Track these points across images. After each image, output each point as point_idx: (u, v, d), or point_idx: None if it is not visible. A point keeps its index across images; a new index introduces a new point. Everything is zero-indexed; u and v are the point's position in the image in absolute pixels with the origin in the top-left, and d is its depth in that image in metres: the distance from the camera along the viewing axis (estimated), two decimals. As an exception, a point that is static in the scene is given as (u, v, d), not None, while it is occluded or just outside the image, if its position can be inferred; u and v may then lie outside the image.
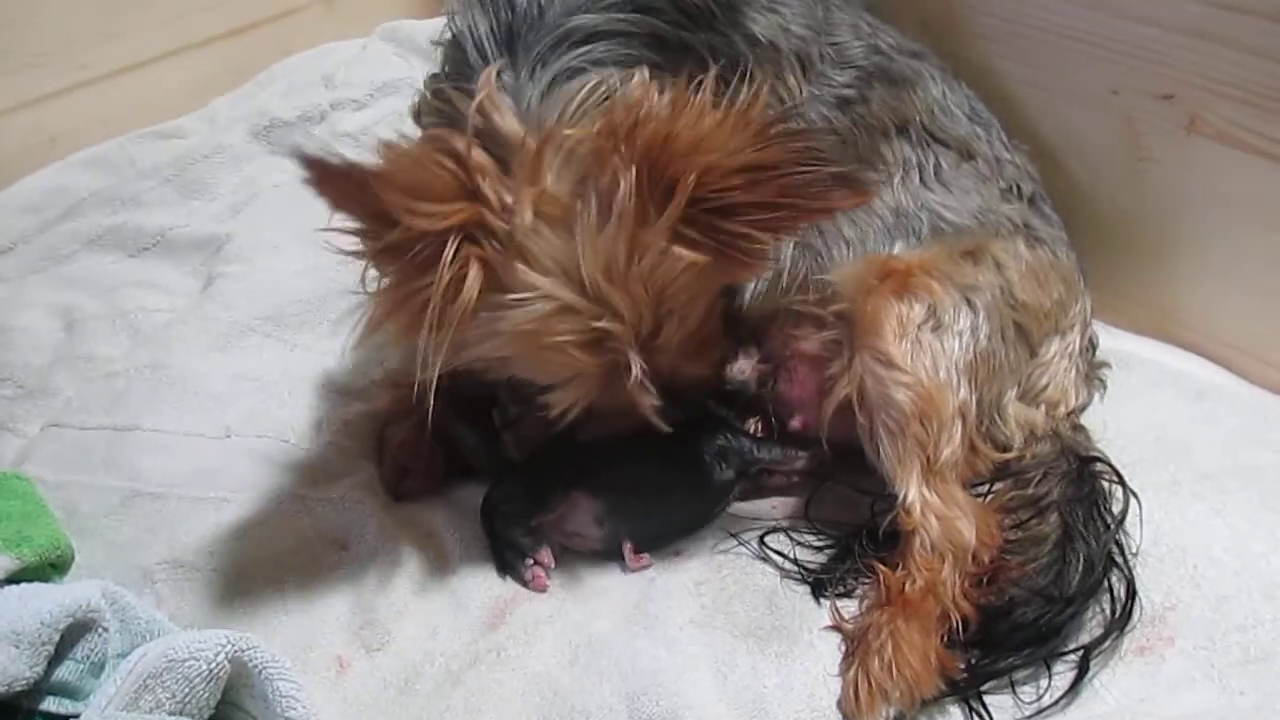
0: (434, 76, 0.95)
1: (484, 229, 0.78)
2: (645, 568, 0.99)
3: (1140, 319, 1.19)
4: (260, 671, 0.81)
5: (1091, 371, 1.08)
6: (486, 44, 0.86)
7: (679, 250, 0.80)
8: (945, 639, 0.88)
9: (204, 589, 0.96)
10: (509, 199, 0.79)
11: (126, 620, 0.88)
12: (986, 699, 0.86)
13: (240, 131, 1.53)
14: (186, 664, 0.80)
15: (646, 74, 0.83)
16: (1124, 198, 1.17)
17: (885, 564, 0.93)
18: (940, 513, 0.92)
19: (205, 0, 1.60)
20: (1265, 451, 1.03)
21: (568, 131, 0.80)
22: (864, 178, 0.82)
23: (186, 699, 0.80)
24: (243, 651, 0.81)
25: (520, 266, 0.79)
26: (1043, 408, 1.02)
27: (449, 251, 0.77)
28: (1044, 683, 0.87)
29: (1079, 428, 1.04)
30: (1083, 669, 0.87)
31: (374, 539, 1.01)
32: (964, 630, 0.88)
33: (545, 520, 0.99)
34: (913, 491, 0.92)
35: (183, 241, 1.37)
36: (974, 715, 0.85)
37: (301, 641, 0.92)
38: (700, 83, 0.81)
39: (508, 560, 0.99)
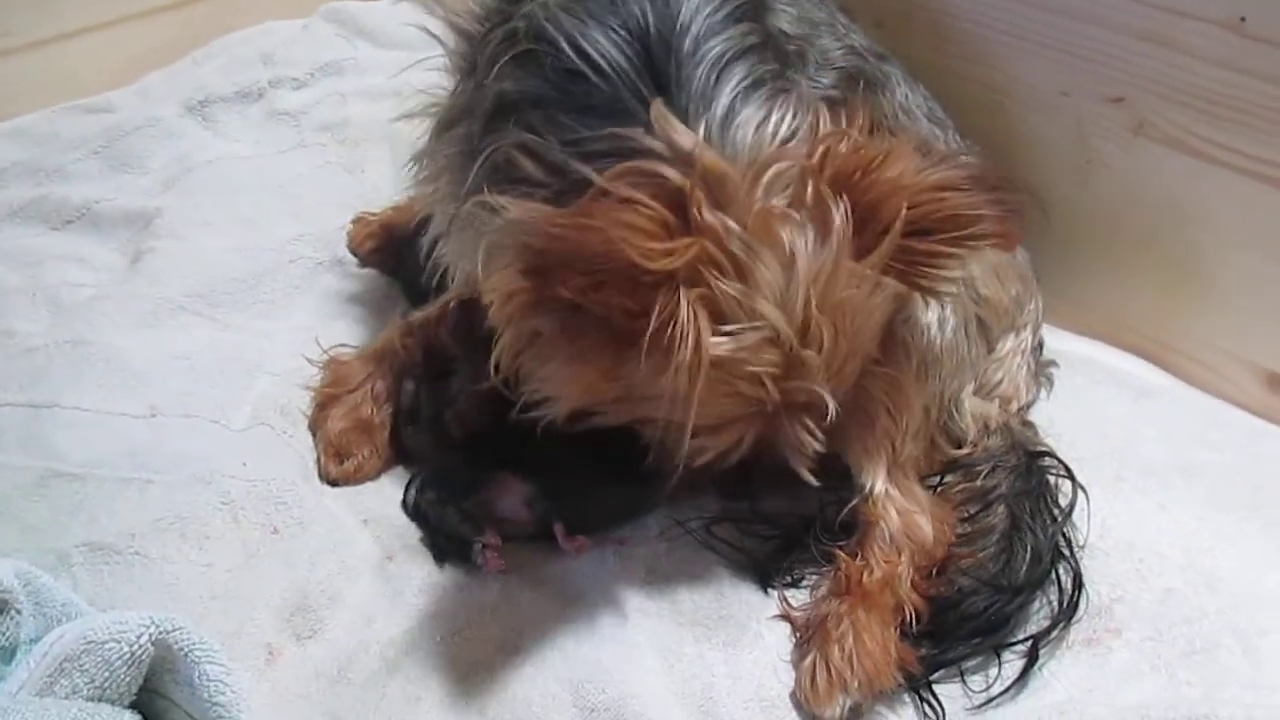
0: (532, 110, 0.83)
1: (708, 261, 0.74)
2: (582, 549, 0.96)
3: (1084, 321, 1.20)
4: (186, 654, 0.78)
5: (1040, 369, 1.09)
6: (638, 81, 0.80)
7: (887, 281, 0.80)
8: (900, 632, 0.87)
9: (125, 573, 0.92)
10: (733, 225, 0.75)
11: (41, 603, 0.84)
12: (936, 688, 0.86)
13: (173, 105, 1.48)
14: (106, 646, 0.76)
15: (824, 107, 0.83)
16: (1071, 200, 1.18)
17: (841, 553, 0.92)
18: (901, 507, 0.92)
19: (141, -28, 1.55)
20: (1207, 451, 1.04)
21: (784, 159, 0.78)
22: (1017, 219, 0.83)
23: (106, 683, 0.76)
24: (168, 634, 0.78)
25: (745, 294, 0.76)
26: (996, 402, 1.03)
27: (684, 300, 0.72)
28: (993, 672, 0.87)
29: (1028, 423, 1.04)
30: (1031, 659, 0.87)
31: (307, 523, 0.97)
32: (916, 622, 0.88)
33: (474, 503, 0.96)
34: (879, 484, 0.92)
35: (110, 215, 1.32)
36: (925, 705, 0.85)
37: (229, 629, 0.88)
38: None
39: (445, 549, 0.96)
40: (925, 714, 0.85)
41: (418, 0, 0.98)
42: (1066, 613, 0.89)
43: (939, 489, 0.98)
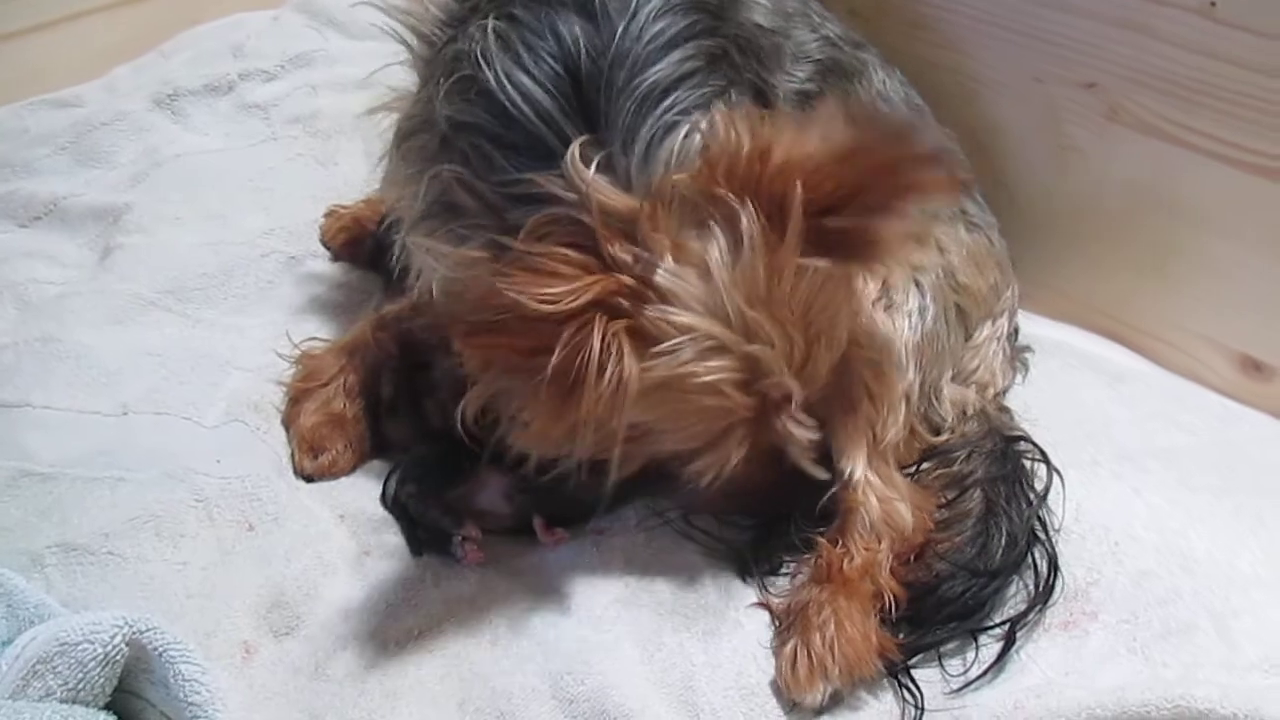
0: (475, 153, 0.84)
1: (623, 292, 0.76)
2: (561, 542, 0.96)
3: (1058, 305, 1.21)
4: (161, 654, 0.77)
5: (1015, 355, 1.09)
6: (563, 121, 0.80)
7: (810, 262, 0.79)
8: (879, 619, 0.87)
9: (98, 573, 0.91)
10: (643, 254, 0.77)
11: (14, 605, 0.83)
12: (915, 673, 0.86)
13: (142, 99, 1.46)
14: (80, 647, 0.76)
15: (721, 106, 0.82)
16: (1045, 185, 1.19)
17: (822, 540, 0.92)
18: (881, 494, 0.92)
19: (108, -36, 1.53)
20: (1180, 433, 1.05)
21: (675, 177, 0.78)
22: (953, 160, 0.82)
23: (80, 685, 0.75)
24: (141, 634, 0.77)
25: (669, 312, 0.77)
26: (973, 388, 1.03)
27: (596, 331, 0.74)
28: (970, 656, 0.87)
29: (1004, 409, 1.04)
30: (1009, 642, 0.87)
31: (282, 520, 0.96)
32: (895, 609, 0.88)
33: (454, 496, 0.96)
34: (859, 470, 0.92)
35: (78, 211, 1.30)
36: (903, 690, 0.85)
37: (205, 627, 0.88)
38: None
39: (424, 542, 0.96)
40: (904, 699, 0.85)
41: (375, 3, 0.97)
42: (1043, 596, 0.89)
43: (916, 475, 0.98)
